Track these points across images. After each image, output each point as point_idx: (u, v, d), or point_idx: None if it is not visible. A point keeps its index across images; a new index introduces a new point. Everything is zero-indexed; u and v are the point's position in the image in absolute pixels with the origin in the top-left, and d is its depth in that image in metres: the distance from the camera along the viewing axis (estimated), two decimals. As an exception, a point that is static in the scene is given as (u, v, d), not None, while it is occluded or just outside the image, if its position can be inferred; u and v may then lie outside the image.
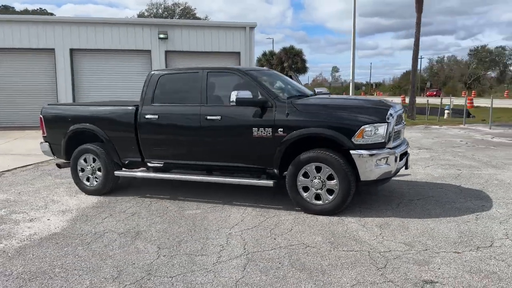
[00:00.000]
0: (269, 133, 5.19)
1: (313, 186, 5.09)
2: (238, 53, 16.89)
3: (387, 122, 4.93)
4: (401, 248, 4.04)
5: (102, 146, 6.35)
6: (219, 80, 5.90)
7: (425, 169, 7.73)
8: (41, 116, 6.80)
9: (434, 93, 63.91)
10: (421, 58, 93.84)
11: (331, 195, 5.03)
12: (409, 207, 5.38)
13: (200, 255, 4.03)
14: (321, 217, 5.01)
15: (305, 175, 5.14)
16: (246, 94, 5.17)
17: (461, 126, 16.63)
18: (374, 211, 5.22)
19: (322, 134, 4.97)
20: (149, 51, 16.41)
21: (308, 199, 5.15)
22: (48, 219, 5.30)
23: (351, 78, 22.98)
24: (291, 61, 38.21)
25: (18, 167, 8.85)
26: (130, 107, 6.10)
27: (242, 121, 5.35)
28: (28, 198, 6.35)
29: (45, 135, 6.83)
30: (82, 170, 6.51)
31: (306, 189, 5.17)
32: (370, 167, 4.85)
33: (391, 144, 5.04)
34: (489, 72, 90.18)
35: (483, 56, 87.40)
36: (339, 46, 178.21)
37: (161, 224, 4.97)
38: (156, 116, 5.85)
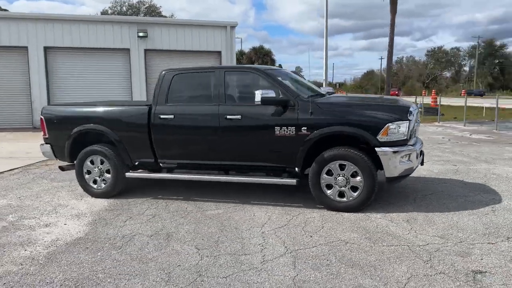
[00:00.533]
0: (292, 132, 5.23)
1: (337, 183, 5.17)
2: (219, 53, 16.80)
3: (409, 120, 5.08)
4: (436, 241, 4.19)
5: (111, 147, 6.17)
6: (237, 79, 5.88)
7: (423, 165, 7.99)
8: (42, 117, 6.51)
9: (396, 92, 65.99)
10: (381, 59, 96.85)
11: (355, 192, 5.13)
12: (425, 201, 5.57)
13: (243, 254, 4.01)
14: (346, 214, 5.09)
15: (328, 173, 5.21)
16: (271, 93, 5.18)
17: (436, 123, 17.31)
18: (394, 206, 5.37)
19: (348, 132, 5.06)
20: (127, 50, 16.01)
21: (331, 197, 5.22)
22: (65, 224, 5.10)
23: (324, 78, 23.51)
24: (261, 60, 38.41)
25: (6, 171, 8.44)
26: (143, 107, 5.97)
27: (264, 120, 5.36)
28: (32, 202, 6.07)
29: (46, 136, 6.54)
30: (89, 172, 6.30)
31: (329, 186, 5.25)
32: (394, 163, 4.99)
33: (411, 141, 5.20)
34: (445, 72, 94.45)
35: (440, 57, 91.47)
36: (300, 47, 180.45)
37: (188, 225, 4.90)
38: (172, 116, 5.75)
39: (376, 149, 4.97)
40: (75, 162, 6.50)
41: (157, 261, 3.93)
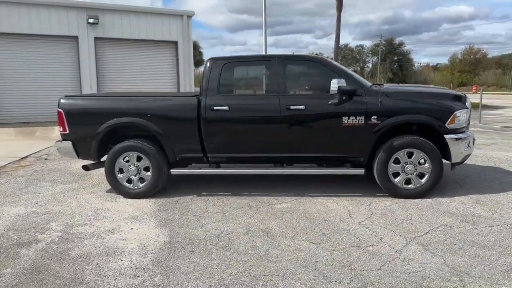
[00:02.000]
0: (361, 121, 5.24)
1: (405, 171, 5.31)
2: (175, 43, 16.06)
3: (467, 108, 5.39)
4: (525, 219, 4.53)
5: (151, 142, 5.63)
6: (296, 68, 5.73)
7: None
8: (60, 110, 5.70)
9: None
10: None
11: (421, 179, 5.31)
12: (470, 184, 5.97)
13: (368, 246, 3.95)
14: (417, 200, 5.25)
15: (396, 161, 5.32)
16: (343, 82, 5.14)
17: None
18: (449, 190, 5.66)
19: (419, 120, 5.21)
20: (76, 38, 14.57)
21: (399, 185, 5.35)
22: (131, 228, 4.58)
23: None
24: (189, 53, 37.58)
25: (-19, 174, 7.27)
26: (191, 98, 5.53)
27: (331, 110, 5.30)
28: (60, 208, 5.33)
29: (66, 132, 5.75)
30: (121, 171, 5.69)
31: (395, 174, 5.36)
32: (460, 149, 5.27)
33: (468, 129, 5.53)
34: (351, 68, 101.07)
35: (346, 54, 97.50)
36: (211, 41, 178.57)
37: (274, 221, 4.69)
38: (227, 107, 5.41)
39: (446, 136, 5.19)
40: (101, 160, 5.86)
41: (286, 258, 3.71)
